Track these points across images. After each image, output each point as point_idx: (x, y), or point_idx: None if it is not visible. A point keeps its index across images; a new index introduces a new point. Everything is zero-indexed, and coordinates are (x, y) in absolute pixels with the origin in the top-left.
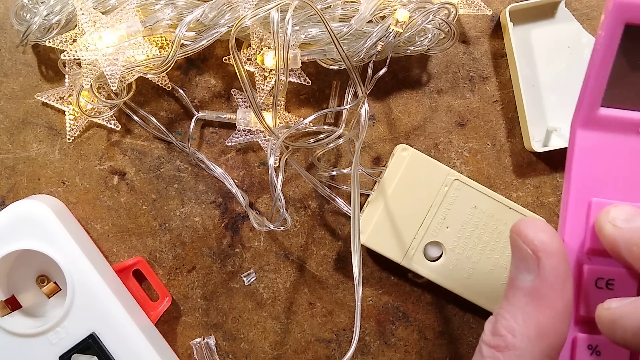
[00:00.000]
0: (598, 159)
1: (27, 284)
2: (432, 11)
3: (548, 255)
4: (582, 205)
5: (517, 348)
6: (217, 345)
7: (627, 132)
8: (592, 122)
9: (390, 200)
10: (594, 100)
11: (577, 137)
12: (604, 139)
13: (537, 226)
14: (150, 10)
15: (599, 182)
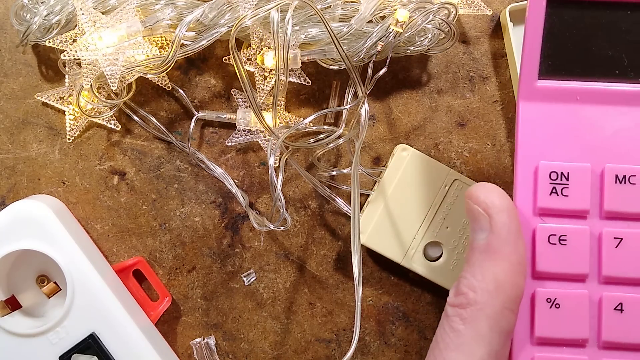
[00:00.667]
0: (541, 127)
1: (27, 284)
2: (432, 11)
3: (498, 212)
4: (529, 170)
5: (478, 302)
6: (217, 345)
7: (565, 101)
8: (532, 94)
9: (390, 200)
10: (531, 74)
11: (520, 109)
12: (545, 109)
13: (487, 188)
14: (150, 10)
15: (544, 148)
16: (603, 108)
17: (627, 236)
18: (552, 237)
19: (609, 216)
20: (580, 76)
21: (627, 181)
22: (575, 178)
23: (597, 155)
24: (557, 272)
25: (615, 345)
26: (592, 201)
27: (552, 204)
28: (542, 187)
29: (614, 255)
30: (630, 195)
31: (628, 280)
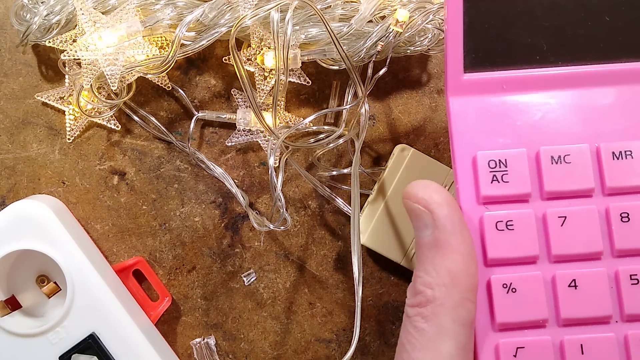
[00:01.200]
0: (473, 120)
1: (27, 284)
2: (432, 11)
3: (439, 206)
4: (468, 162)
5: (436, 298)
6: (217, 345)
7: (493, 91)
8: (459, 89)
9: (390, 200)
10: (456, 69)
11: (450, 104)
12: (475, 101)
13: (423, 185)
14: (150, 10)
15: (479, 139)
16: (529, 94)
17: (570, 213)
18: (499, 224)
19: (550, 197)
20: (504, 66)
21: (562, 161)
22: (513, 164)
23: (530, 139)
24: (508, 257)
25: (574, 321)
26: (532, 184)
27: (494, 192)
28: (483, 177)
29: (560, 233)
30: (567, 173)
31: (577, 256)
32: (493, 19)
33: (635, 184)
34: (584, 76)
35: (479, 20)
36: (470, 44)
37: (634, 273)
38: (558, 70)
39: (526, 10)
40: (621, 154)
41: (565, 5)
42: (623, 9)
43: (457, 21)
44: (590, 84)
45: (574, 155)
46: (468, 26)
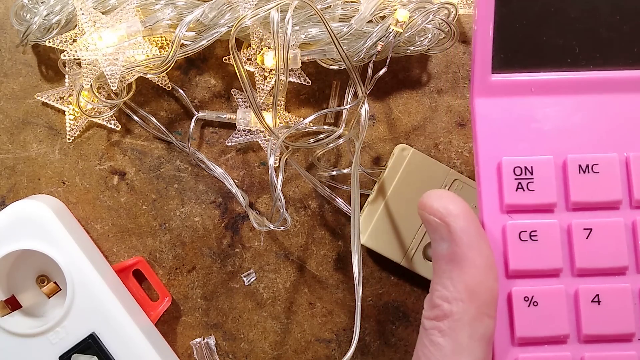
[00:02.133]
0: (499, 123)
1: (27, 284)
2: (432, 11)
3: (455, 219)
4: (492, 168)
5: (454, 313)
6: (217, 345)
7: (521, 94)
8: (487, 90)
9: (390, 200)
10: (484, 69)
11: (475, 106)
12: (502, 103)
13: (439, 195)
14: (150, 10)
15: (505, 143)
16: (559, 98)
17: (596, 226)
18: (523, 234)
19: (576, 207)
20: (534, 67)
21: (590, 170)
22: (539, 171)
23: (558, 146)
24: (531, 269)
25: (595, 337)
26: (558, 193)
27: (519, 200)
28: (508, 184)
29: (585, 246)
30: (595, 184)
31: (602, 270)
32: (524, 18)
33: None
34: (616, 82)
35: (510, 19)
36: (500, 44)
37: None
38: (589, 75)
39: (559, 11)
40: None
41: (601, 7)
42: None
43: (487, 19)
44: (622, 90)
45: (602, 164)
46: (498, 25)
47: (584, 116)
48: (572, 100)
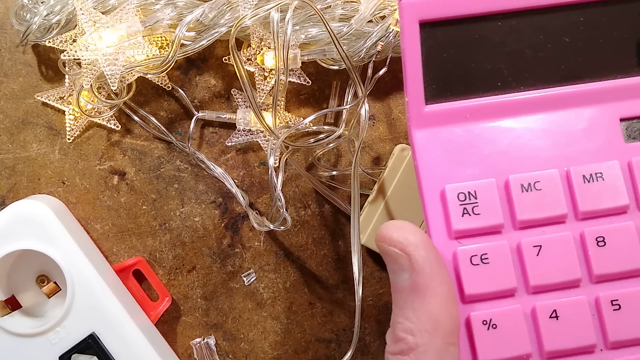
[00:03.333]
0: (439, 151)
1: (27, 284)
2: None
3: (415, 248)
4: (436, 196)
5: (419, 345)
6: (217, 345)
7: (457, 121)
8: (422, 121)
9: (390, 200)
10: (417, 101)
11: (413, 137)
12: (439, 132)
13: (397, 226)
14: (150, 10)
15: (446, 171)
16: (493, 121)
17: (545, 242)
18: (474, 258)
19: (523, 226)
20: (466, 94)
21: (532, 188)
22: (483, 195)
23: (499, 168)
24: (486, 292)
25: (558, 353)
26: (504, 214)
27: (466, 225)
28: (453, 210)
29: (537, 263)
30: (539, 201)
31: (556, 285)
32: (451, 47)
33: (609, 206)
34: (548, 100)
35: (436, 50)
36: (430, 75)
37: (615, 298)
38: (521, 96)
39: (484, 37)
40: (592, 176)
41: (523, 29)
42: (581, 29)
43: (414, 52)
44: (554, 107)
45: (544, 181)
46: (426, 56)
47: (521, 136)
48: (506, 122)
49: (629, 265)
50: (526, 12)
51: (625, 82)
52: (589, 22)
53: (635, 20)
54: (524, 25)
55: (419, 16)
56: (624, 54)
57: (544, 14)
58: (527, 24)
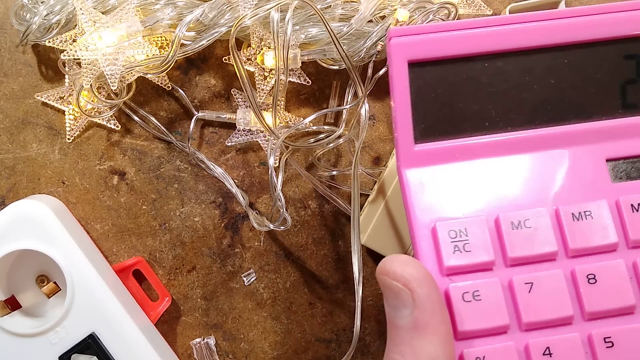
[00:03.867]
0: (429, 190)
1: (27, 284)
2: (432, 11)
3: (420, 285)
4: (427, 233)
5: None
6: (217, 345)
7: (446, 160)
8: (412, 160)
9: (390, 200)
10: (407, 141)
11: (403, 176)
12: (429, 171)
13: (402, 261)
14: (150, 10)
15: (437, 209)
16: (481, 161)
17: (536, 279)
18: (466, 295)
19: (514, 263)
20: (455, 134)
21: (522, 226)
22: (473, 232)
23: (489, 206)
24: (478, 329)
25: None
26: (495, 252)
27: (457, 262)
28: (445, 247)
29: (528, 300)
30: (529, 238)
31: (548, 322)
32: (439, 88)
33: (598, 243)
34: (535, 140)
35: (425, 90)
36: (419, 115)
37: (608, 336)
38: (509, 136)
39: (471, 78)
40: (581, 215)
41: (510, 70)
42: (566, 70)
43: (404, 93)
44: (542, 147)
45: (533, 219)
46: (415, 97)
47: (510, 175)
48: (495, 160)
49: (620, 303)
50: (512, 54)
51: (610, 123)
52: (573, 63)
53: (618, 62)
54: (510, 67)
55: (408, 56)
56: (608, 96)
57: (530, 56)
58: (513, 65)
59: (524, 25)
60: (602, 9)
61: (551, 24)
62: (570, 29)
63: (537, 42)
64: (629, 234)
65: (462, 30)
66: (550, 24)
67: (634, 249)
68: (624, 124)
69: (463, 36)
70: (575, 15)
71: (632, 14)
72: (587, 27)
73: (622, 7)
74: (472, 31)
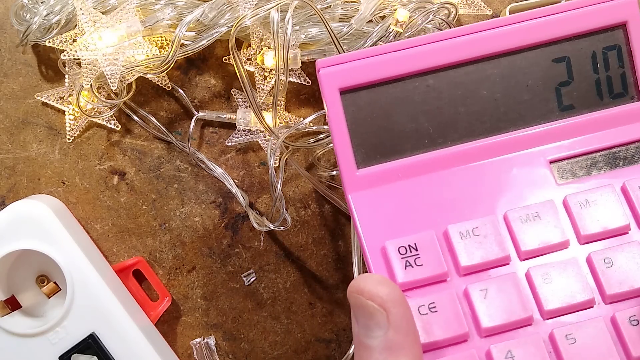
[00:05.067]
0: (376, 211)
1: (27, 284)
2: (432, 11)
3: (394, 305)
4: (377, 252)
5: None
6: (217, 345)
7: (389, 180)
8: (356, 185)
9: None
10: (349, 167)
11: (350, 200)
12: (374, 193)
13: (377, 280)
14: (150, 10)
15: (385, 229)
16: (425, 177)
17: (491, 285)
18: (422, 308)
19: (467, 272)
20: (395, 155)
21: (471, 234)
22: (423, 246)
23: (437, 219)
24: (438, 340)
25: None
26: (447, 263)
27: (410, 277)
28: (396, 264)
29: (485, 306)
30: (480, 246)
31: (507, 326)
32: (374, 112)
33: (549, 242)
34: (476, 151)
35: (360, 115)
36: (357, 141)
37: (569, 332)
38: (449, 150)
39: (404, 98)
40: (529, 217)
41: (440, 86)
42: (497, 80)
43: (339, 119)
44: (483, 156)
45: (482, 227)
46: (351, 123)
47: (454, 187)
48: (438, 175)
49: (578, 298)
50: (439, 70)
51: (549, 126)
52: (502, 73)
53: (548, 66)
54: (440, 83)
55: (338, 84)
56: (543, 100)
57: (457, 70)
58: (443, 82)
59: (448, 42)
60: (522, 17)
61: (474, 37)
62: (494, 39)
63: (463, 56)
64: (579, 230)
65: (388, 53)
66: (473, 38)
67: (587, 244)
68: (563, 125)
69: (389, 59)
70: (496, 26)
71: (553, 18)
72: (510, 35)
73: (542, 12)
74: (397, 53)
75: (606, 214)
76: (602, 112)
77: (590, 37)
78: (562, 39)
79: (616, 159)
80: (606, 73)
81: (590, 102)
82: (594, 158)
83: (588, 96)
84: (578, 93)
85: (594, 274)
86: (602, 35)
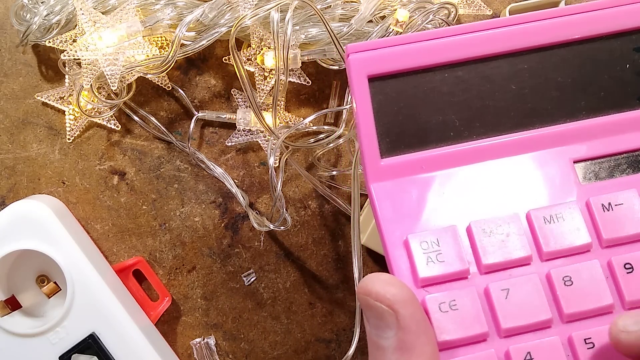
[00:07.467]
0: (398, 203)
1: (27, 284)
2: (432, 11)
3: (404, 305)
4: (399, 246)
5: None
6: (217, 345)
7: (413, 172)
8: (379, 175)
9: None
10: (373, 156)
11: (371, 191)
12: (397, 184)
13: (384, 280)
14: (150, 10)
15: (407, 221)
16: (449, 170)
17: (512, 285)
18: (443, 305)
19: (488, 270)
20: (420, 146)
21: (495, 232)
22: (445, 242)
23: (459, 215)
24: (458, 339)
25: None
26: (468, 260)
27: (432, 273)
28: (418, 259)
29: (506, 306)
30: (501, 245)
31: (527, 327)
32: (401, 101)
33: (572, 245)
34: (501, 146)
35: (387, 104)
36: (383, 130)
37: (588, 337)
38: (474, 144)
39: (432, 89)
40: (552, 217)
41: (469, 79)
42: (527, 75)
43: (366, 107)
44: (508, 152)
45: (505, 225)
46: (377, 112)
47: (478, 183)
48: (463, 169)
49: (598, 303)
50: (470, 62)
51: (575, 125)
52: (532, 68)
53: (577, 64)
54: (470, 75)
55: (367, 71)
56: (570, 99)
57: (488, 63)
58: (473, 74)
59: (480, 34)
60: (557, 13)
61: (505, 31)
62: (524, 34)
63: (494, 50)
64: (601, 233)
65: (419, 42)
66: (504, 31)
67: (608, 248)
68: (589, 124)
69: (420, 48)
70: (527, 21)
71: (588, 15)
72: (543, 31)
73: (577, 9)
74: (429, 42)
75: (629, 218)
76: (629, 113)
77: (622, 37)
78: (594, 37)
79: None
80: (636, 74)
81: (617, 103)
82: (617, 160)
83: (616, 97)
84: (606, 93)
85: (614, 279)
86: (634, 36)
